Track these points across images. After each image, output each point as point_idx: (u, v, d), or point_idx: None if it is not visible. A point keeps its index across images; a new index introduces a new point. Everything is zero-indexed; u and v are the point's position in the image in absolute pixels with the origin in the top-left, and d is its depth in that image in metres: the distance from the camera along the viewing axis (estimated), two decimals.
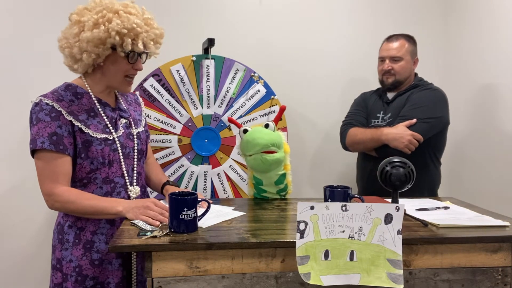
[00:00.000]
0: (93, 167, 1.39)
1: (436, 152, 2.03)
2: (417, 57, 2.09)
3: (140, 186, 1.52)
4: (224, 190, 2.06)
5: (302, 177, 2.52)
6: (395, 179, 1.43)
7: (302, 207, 1.11)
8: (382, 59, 2.08)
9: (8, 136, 2.16)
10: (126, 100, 1.58)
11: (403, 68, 2.03)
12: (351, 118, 2.16)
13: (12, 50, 2.18)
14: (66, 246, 1.40)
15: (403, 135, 1.86)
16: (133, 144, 1.50)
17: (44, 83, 1.66)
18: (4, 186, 2.20)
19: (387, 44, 2.07)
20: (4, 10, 2.16)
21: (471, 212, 1.47)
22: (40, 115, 1.34)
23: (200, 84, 2.03)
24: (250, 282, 1.15)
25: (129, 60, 1.40)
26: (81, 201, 1.34)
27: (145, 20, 1.40)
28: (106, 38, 1.33)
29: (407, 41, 2.05)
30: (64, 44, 1.40)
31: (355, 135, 2.04)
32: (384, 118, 2.06)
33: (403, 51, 2.02)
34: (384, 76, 2.08)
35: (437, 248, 1.22)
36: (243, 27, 2.42)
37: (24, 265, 2.22)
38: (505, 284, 1.25)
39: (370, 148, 2.01)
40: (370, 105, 2.16)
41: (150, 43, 1.42)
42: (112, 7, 1.35)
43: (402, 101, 2.02)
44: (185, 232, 1.18)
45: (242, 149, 1.66)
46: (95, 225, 1.41)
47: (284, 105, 1.78)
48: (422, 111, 1.92)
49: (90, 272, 1.39)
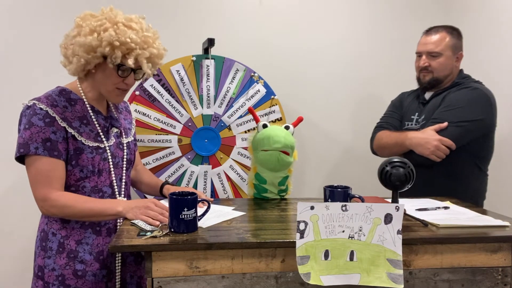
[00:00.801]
0: (83, 175, 1.37)
1: (478, 160, 1.79)
2: (462, 52, 1.88)
3: (126, 196, 1.51)
4: (224, 190, 2.06)
5: (302, 177, 2.52)
6: (395, 179, 1.42)
7: (302, 207, 1.11)
8: (419, 54, 1.89)
9: (7, 136, 2.16)
10: (117, 108, 1.56)
11: (441, 64, 1.82)
12: (384, 121, 2.00)
13: (10, 51, 2.18)
14: (49, 254, 1.36)
15: (429, 140, 1.68)
16: (123, 153, 1.49)
17: (43, 84, 1.66)
18: (4, 186, 2.20)
19: (425, 38, 1.87)
20: (4, 10, 2.16)
21: (471, 212, 1.47)
22: (33, 120, 1.31)
23: (200, 84, 2.03)
24: (250, 282, 1.15)
25: (119, 73, 1.37)
26: (79, 204, 1.32)
27: (144, 37, 1.36)
28: (97, 46, 1.31)
29: (449, 34, 1.84)
30: (63, 44, 1.40)
31: (381, 138, 1.89)
32: (418, 120, 1.88)
33: (442, 46, 1.81)
34: (421, 73, 1.88)
35: (437, 248, 1.22)
36: (243, 27, 2.42)
37: (24, 265, 2.22)
38: (505, 284, 1.24)
39: (396, 153, 1.82)
40: (406, 106, 1.98)
41: (143, 61, 1.37)
42: (114, 18, 1.34)
43: (438, 102, 1.82)
44: (185, 232, 1.18)
45: (258, 143, 1.63)
46: (80, 234, 1.38)
47: (302, 117, 1.72)
48: (455, 113, 1.71)
49: (73, 283, 1.35)
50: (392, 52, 2.55)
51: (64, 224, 1.38)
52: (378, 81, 2.55)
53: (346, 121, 2.56)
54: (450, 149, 1.70)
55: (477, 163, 1.80)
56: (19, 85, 2.19)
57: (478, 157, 1.80)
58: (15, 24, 2.17)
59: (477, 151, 1.78)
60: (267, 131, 1.62)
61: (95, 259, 1.38)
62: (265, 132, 1.62)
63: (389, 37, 2.56)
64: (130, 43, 1.32)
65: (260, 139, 1.62)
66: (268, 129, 1.62)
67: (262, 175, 1.65)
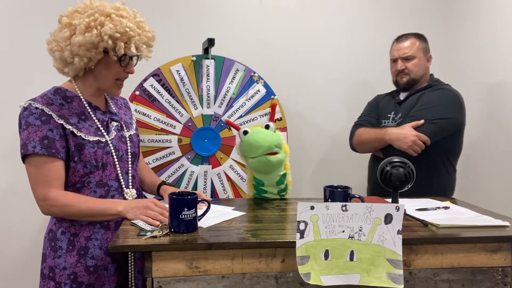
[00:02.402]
0: (87, 171, 1.37)
1: (449, 156, 1.94)
2: (430, 54, 2.03)
3: (136, 189, 1.51)
4: (224, 190, 2.06)
5: (302, 177, 2.52)
6: (395, 179, 1.42)
7: (302, 207, 1.11)
8: (394, 60, 2.04)
9: (7, 137, 2.16)
10: (116, 104, 1.57)
11: (416, 66, 1.98)
12: (362, 119, 2.13)
13: (6, 52, 2.18)
14: (59, 253, 1.36)
15: (407, 135, 1.81)
16: (126, 146, 1.48)
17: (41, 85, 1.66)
18: (4, 186, 2.20)
19: (397, 44, 2.03)
20: (4, 10, 2.16)
21: (471, 212, 1.47)
22: (29, 119, 1.31)
23: (200, 84, 2.03)
24: (250, 282, 1.15)
25: (121, 63, 1.38)
26: (79, 203, 1.32)
27: (137, 24, 1.38)
28: (98, 42, 1.31)
29: (417, 39, 2.01)
30: (54, 47, 1.37)
31: (361, 134, 2.02)
32: (395, 118, 2.01)
33: (414, 49, 1.97)
34: (398, 76, 2.02)
35: (437, 248, 1.22)
36: (243, 27, 2.42)
37: (24, 265, 2.22)
38: (505, 284, 1.24)
39: (375, 148, 1.97)
40: (382, 105, 2.12)
41: (143, 46, 1.40)
42: (104, 10, 1.33)
43: (414, 101, 1.96)
44: (185, 232, 1.18)
45: (244, 152, 1.65)
46: (89, 230, 1.38)
47: (275, 103, 1.77)
48: (431, 111, 1.85)
49: (86, 279, 1.36)
50: None
51: (73, 222, 1.38)
52: (378, 81, 2.54)
53: (346, 121, 2.55)
54: (425, 144, 1.82)
55: (449, 158, 1.94)
56: (19, 85, 2.19)
57: (449, 153, 1.94)
58: (13, 25, 2.17)
59: (448, 147, 1.92)
60: (247, 138, 1.61)
61: (105, 253, 1.38)
62: (246, 140, 1.62)
63: (390, 37, 2.55)
64: (129, 31, 1.33)
65: (244, 148, 1.63)
66: (248, 136, 1.61)
67: (259, 178, 1.66)
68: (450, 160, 1.95)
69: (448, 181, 1.97)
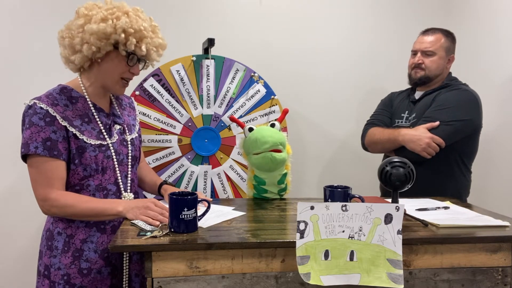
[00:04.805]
0: (86, 174, 1.37)
1: (464, 158, 1.88)
2: (453, 55, 1.97)
3: (133, 193, 1.51)
4: (224, 190, 2.06)
5: (302, 177, 2.52)
6: (395, 179, 1.42)
7: (302, 207, 1.11)
8: (414, 52, 1.97)
9: (7, 137, 2.16)
10: (120, 105, 1.56)
11: (434, 63, 1.91)
12: (374, 118, 2.07)
13: (8, 51, 2.18)
14: (54, 253, 1.37)
15: (421, 137, 1.75)
16: (127, 150, 1.49)
17: (41, 85, 1.66)
18: (4, 185, 2.20)
19: (422, 37, 1.96)
20: (5, 10, 2.16)
21: (471, 212, 1.47)
22: (33, 119, 1.31)
23: (200, 84, 2.03)
24: (250, 282, 1.15)
25: (128, 62, 1.39)
26: (80, 204, 1.32)
27: (152, 27, 1.42)
28: (111, 33, 1.32)
29: (444, 36, 1.93)
30: (65, 34, 1.38)
31: (374, 134, 1.96)
32: (408, 118, 1.95)
33: (437, 46, 1.90)
34: (413, 70, 1.96)
35: (437, 248, 1.22)
36: (243, 27, 2.42)
37: (24, 265, 2.22)
38: (505, 284, 1.24)
39: (388, 149, 1.91)
40: (396, 104, 2.06)
41: (153, 49, 1.41)
42: (123, 8, 1.37)
43: (429, 101, 1.90)
44: (185, 232, 1.18)
45: (248, 147, 1.64)
46: (85, 232, 1.38)
47: (287, 108, 1.76)
48: (446, 112, 1.79)
49: (78, 281, 1.36)
50: (392, 52, 2.55)
51: (70, 223, 1.38)
52: (378, 81, 2.55)
53: (346, 121, 2.56)
54: (440, 147, 1.77)
55: (464, 160, 1.89)
56: (19, 85, 2.19)
57: (464, 155, 1.88)
58: (15, 24, 2.17)
59: (463, 150, 1.87)
60: (253, 134, 1.62)
61: (100, 257, 1.38)
62: (252, 135, 1.62)
63: (390, 38, 2.56)
64: (143, 31, 1.36)
65: (249, 143, 1.63)
66: (254, 132, 1.62)
67: (260, 177, 1.66)
68: (464, 161, 1.89)
69: (463, 183, 1.91)
